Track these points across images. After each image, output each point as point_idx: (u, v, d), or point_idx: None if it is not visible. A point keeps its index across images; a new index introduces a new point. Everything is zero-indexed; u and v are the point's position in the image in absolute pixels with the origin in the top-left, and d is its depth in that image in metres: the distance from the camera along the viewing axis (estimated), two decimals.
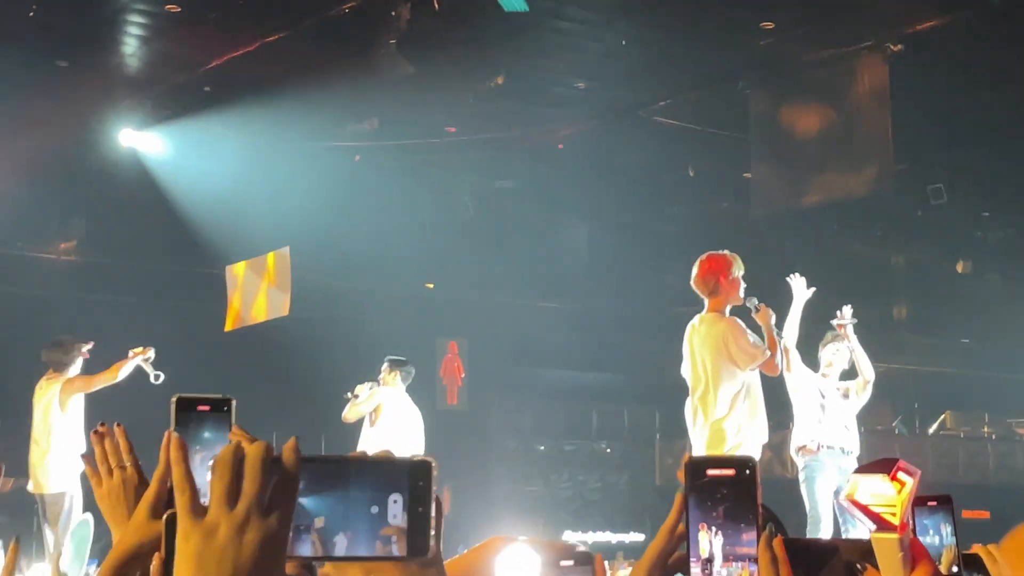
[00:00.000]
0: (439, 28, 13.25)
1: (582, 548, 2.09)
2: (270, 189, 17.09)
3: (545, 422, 22.73)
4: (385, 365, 13.27)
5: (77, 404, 11.48)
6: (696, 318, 8.64)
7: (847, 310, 9.71)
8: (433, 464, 1.56)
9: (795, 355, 9.58)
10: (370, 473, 1.56)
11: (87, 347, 11.82)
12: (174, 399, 2.01)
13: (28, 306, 17.34)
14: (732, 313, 8.57)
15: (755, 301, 8.54)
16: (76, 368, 11.68)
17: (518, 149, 17.95)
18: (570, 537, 20.15)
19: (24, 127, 16.32)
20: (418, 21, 12.97)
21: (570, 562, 1.98)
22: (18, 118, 16.10)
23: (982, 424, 21.25)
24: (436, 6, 12.71)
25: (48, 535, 11.30)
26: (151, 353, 11.47)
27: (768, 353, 8.32)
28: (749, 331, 8.42)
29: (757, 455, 8.43)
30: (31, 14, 13.45)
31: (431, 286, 21.00)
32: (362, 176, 17.90)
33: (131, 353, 11.44)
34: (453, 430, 20.19)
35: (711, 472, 1.92)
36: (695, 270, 8.56)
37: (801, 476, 9.76)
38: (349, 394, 13.20)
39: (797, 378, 9.75)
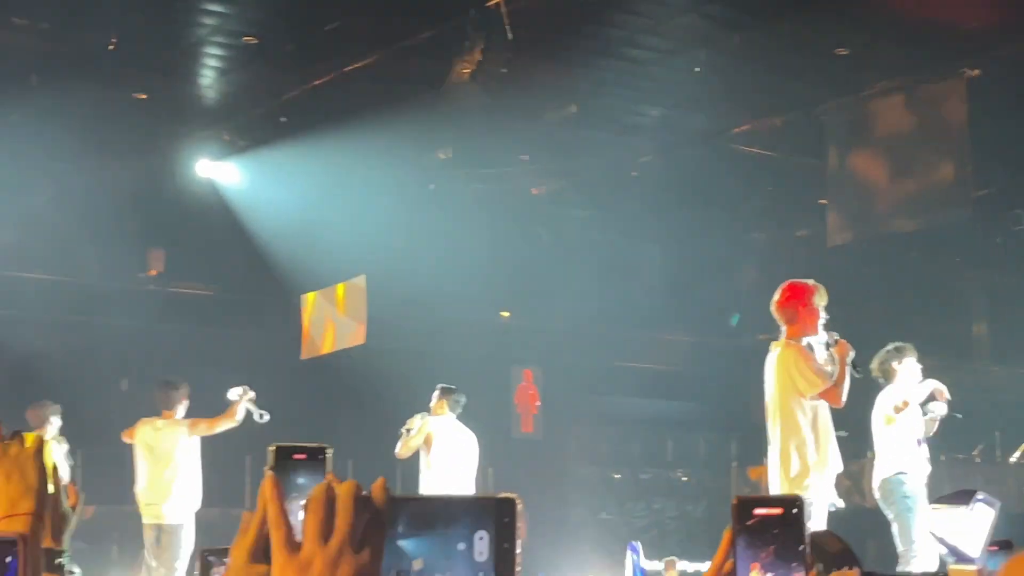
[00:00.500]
0: (513, 57, 13.28)
1: None
2: (345, 218, 17.18)
3: (621, 450, 22.64)
4: (435, 393, 13.25)
5: (196, 443, 12.47)
6: (772, 345, 8.57)
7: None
8: (518, 501, 1.59)
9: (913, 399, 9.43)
10: (457, 511, 1.59)
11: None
12: (272, 448, 2.07)
13: (109, 336, 17.55)
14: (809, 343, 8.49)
15: (835, 336, 8.44)
16: (184, 407, 12.53)
17: (592, 177, 17.94)
18: (646, 567, 20.02)
19: (104, 159, 16.54)
20: (492, 50, 13.01)
21: None
22: (98, 150, 16.31)
23: None
24: (509, 35, 12.74)
25: (152, 563, 12.04)
26: (253, 394, 12.47)
27: (832, 381, 8.21)
28: (817, 360, 8.33)
29: (826, 484, 8.33)
30: (110, 47, 13.64)
31: (506, 314, 21.00)
32: (436, 205, 17.96)
33: (234, 395, 12.46)
34: (528, 458, 20.17)
35: (758, 511, 1.91)
36: (776, 296, 8.48)
37: (898, 508, 9.55)
38: (403, 429, 13.20)
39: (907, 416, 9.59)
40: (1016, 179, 16.49)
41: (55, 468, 2.32)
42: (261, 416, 12.32)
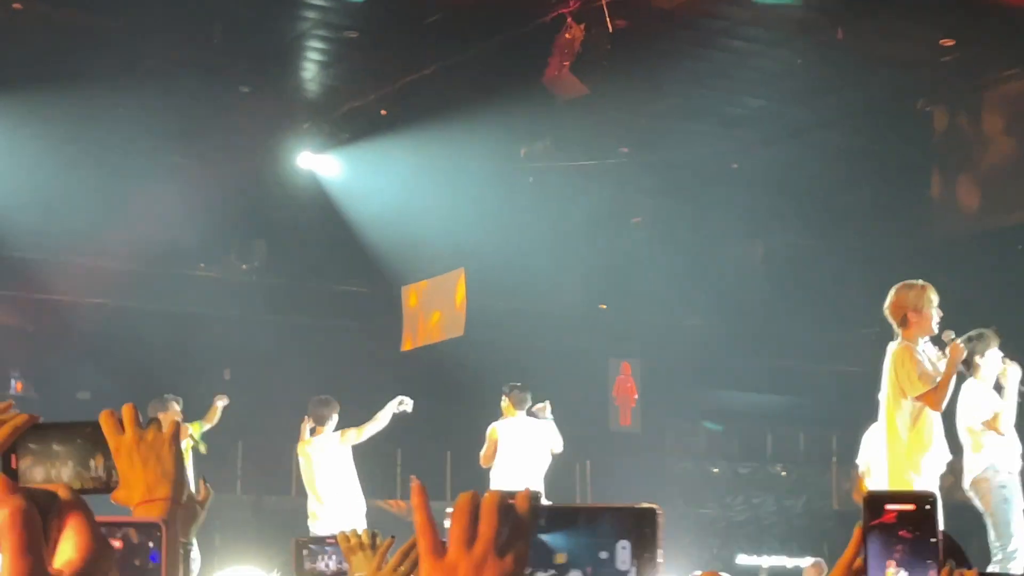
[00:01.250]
0: (613, 49, 13.25)
1: None
2: (445, 210, 17.25)
3: (719, 444, 22.53)
4: (502, 395, 13.23)
5: (348, 452, 13.03)
6: (890, 344, 8.51)
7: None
8: (659, 512, 1.63)
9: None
10: (599, 521, 1.64)
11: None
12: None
13: (210, 327, 17.77)
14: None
15: (951, 335, 8.34)
16: (334, 422, 12.98)
17: (692, 169, 17.85)
18: (743, 561, 19.93)
19: (207, 151, 16.74)
20: (592, 42, 12.98)
21: None
22: (202, 142, 16.52)
23: None
24: (610, 27, 12.71)
25: None
26: (409, 406, 13.10)
27: (935, 385, 8.12)
28: (926, 362, 8.23)
29: (930, 483, 8.23)
30: (215, 41, 13.81)
31: (604, 307, 20.97)
32: (535, 197, 17.97)
33: (393, 406, 13.03)
34: (626, 451, 20.13)
35: (890, 507, 1.89)
36: (888, 299, 8.41)
37: (994, 501, 9.32)
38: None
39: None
40: None
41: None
42: (401, 404, 13.01)
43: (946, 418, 8.82)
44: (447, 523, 1.57)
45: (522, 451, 12.73)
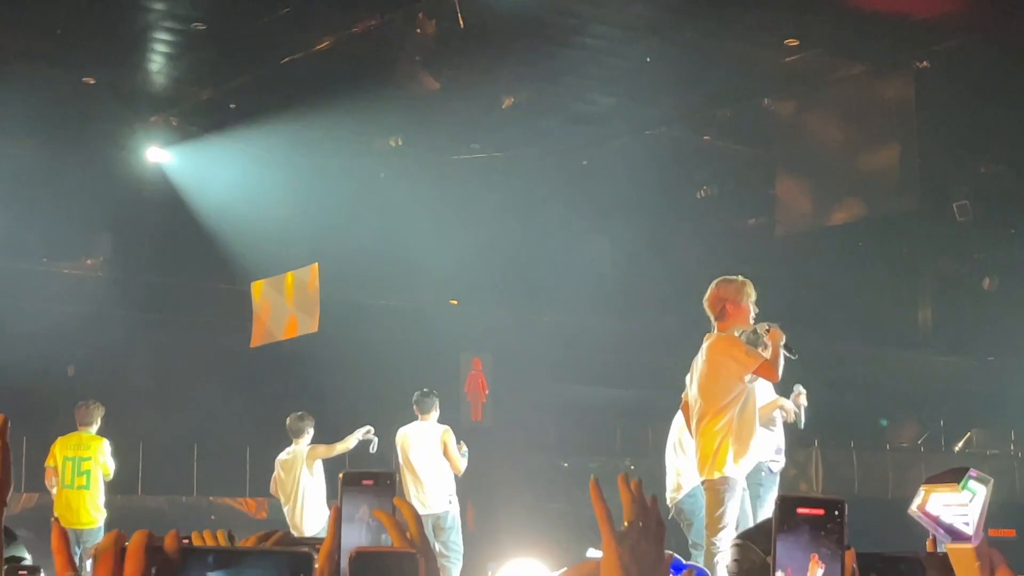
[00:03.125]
0: (464, 45, 13.27)
1: None
2: (296, 205, 17.14)
3: (569, 439, 22.69)
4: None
5: (319, 465, 13.40)
6: (705, 337, 8.68)
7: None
8: (314, 557, 1.61)
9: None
10: (253, 564, 1.60)
11: None
12: (340, 475, 2.13)
13: (54, 321, 17.42)
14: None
15: (765, 326, 8.55)
16: (309, 436, 13.50)
17: (543, 165, 17.95)
18: (594, 555, 20.09)
19: (51, 143, 16.41)
20: (444, 38, 13.00)
21: None
22: (45, 135, 16.19)
23: (1008, 442, 21.14)
24: (462, 23, 12.73)
25: None
26: (372, 431, 13.24)
27: (765, 357, 8.32)
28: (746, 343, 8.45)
29: (742, 472, 8.41)
30: (58, 31, 13.54)
31: (455, 302, 21.01)
32: (386, 192, 17.94)
33: (360, 434, 13.23)
34: (477, 447, 20.12)
35: (801, 511, 1.92)
36: (708, 292, 8.63)
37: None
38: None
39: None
40: (962, 170, 16.63)
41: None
42: (374, 447, 13.37)
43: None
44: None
45: (422, 456, 12.71)
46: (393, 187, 17.94)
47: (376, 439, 13.33)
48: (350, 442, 13.28)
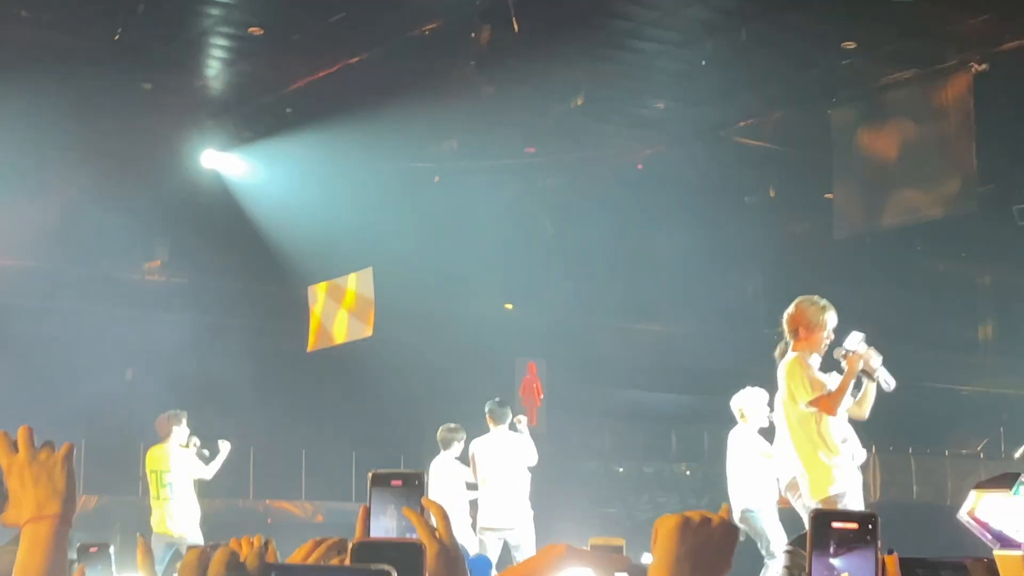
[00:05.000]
0: (519, 49, 13.26)
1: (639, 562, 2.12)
2: (351, 210, 17.18)
3: (624, 444, 22.63)
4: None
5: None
6: (781, 354, 8.55)
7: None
8: (393, 574, 1.60)
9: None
10: None
11: None
12: (369, 475, 2.15)
13: (112, 325, 17.56)
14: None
15: (843, 352, 8.37)
16: (459, 448, 13.03)
17: (598, 169, 17.92)
18: (649, 560, 20.00)
19: (109, 148, 16.54)
20: (498, 42, 12.99)
21: (624, 574, 2.00)
22: (103, 139, 16.32)
23: None
24: (516, 27, 12.72)
25: None
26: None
27: (827, 391, 8.18)
28: (817, 371, 8.29)
29: (842, 485, 8.29)
30: (116, 37, 13.63)
31: (510, 307, 21.00)
32: (441, 196, 17.96)
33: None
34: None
35: (836, 525, 1.93)
36: (789, 309, 8.45)
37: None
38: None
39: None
40: (1022, 173, 16.46)
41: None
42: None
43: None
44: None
45: (500, 468, 12.54)
46: (448, 191, 17.96)
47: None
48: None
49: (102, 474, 16.20)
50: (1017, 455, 20.84)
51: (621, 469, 22.43)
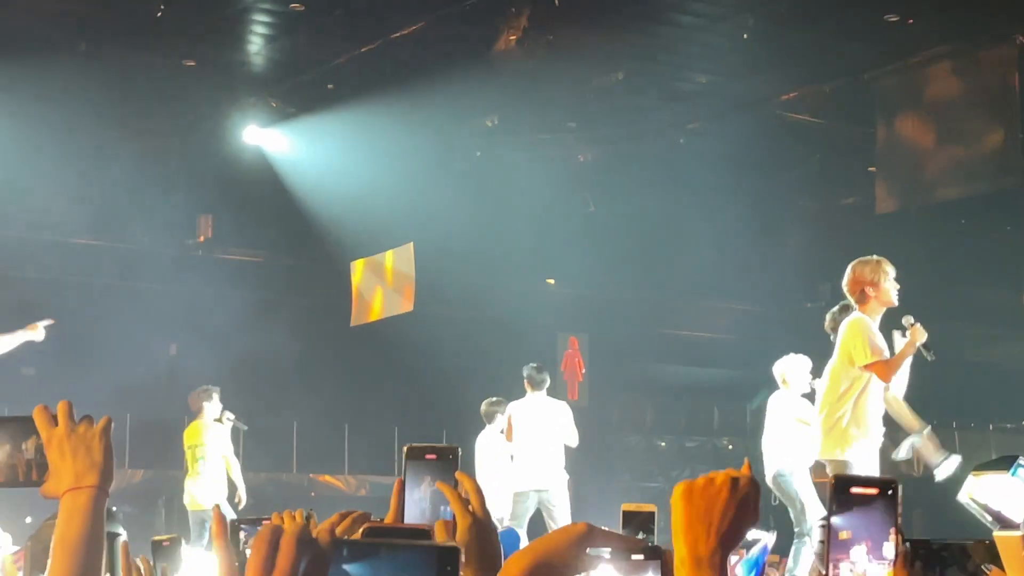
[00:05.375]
0: (559, 23, 13.24)
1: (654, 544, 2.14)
2: (393, 185, 17.22)
3: (666, 418, 22.63)
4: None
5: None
6: (850, 314, 8.53)
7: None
8: (461, 550, 1.62)
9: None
10: (401, 555, 1.63)
11: None
12: (404, 449, 2.20)
13: (157, 301, 17.67)
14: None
15: (910, 320, 8.36)
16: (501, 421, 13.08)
17: (639, 144, 17.88)
18: None
19: (151, 125, 16.63)
20: (538, 17, 12.97)
21: (640, 556, 2.01)
22: (146, 117, 16.41)
23: None
24: (556, 2, 12.71)
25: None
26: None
27: (885, 356, 8.16)
28: (879, 337, 8.27)
29: (864, 455, 8.29)
30: (159, 14, 13.70)
31: (552, 282, 21.00)
32: (483, 171, 17.97)
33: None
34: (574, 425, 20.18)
35: (855, 490, 1.95)
36: (846, 276, 8.43)
37: None
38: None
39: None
40: None
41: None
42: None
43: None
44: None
45: (535, 431, 12.59)
46: (489, 166, 17.97)
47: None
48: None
49: (147, 448, 16.33)
50: None
51: (663, 443, 22.42)
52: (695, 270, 19.88)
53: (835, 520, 1.95)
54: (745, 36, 14.32)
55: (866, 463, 8.30)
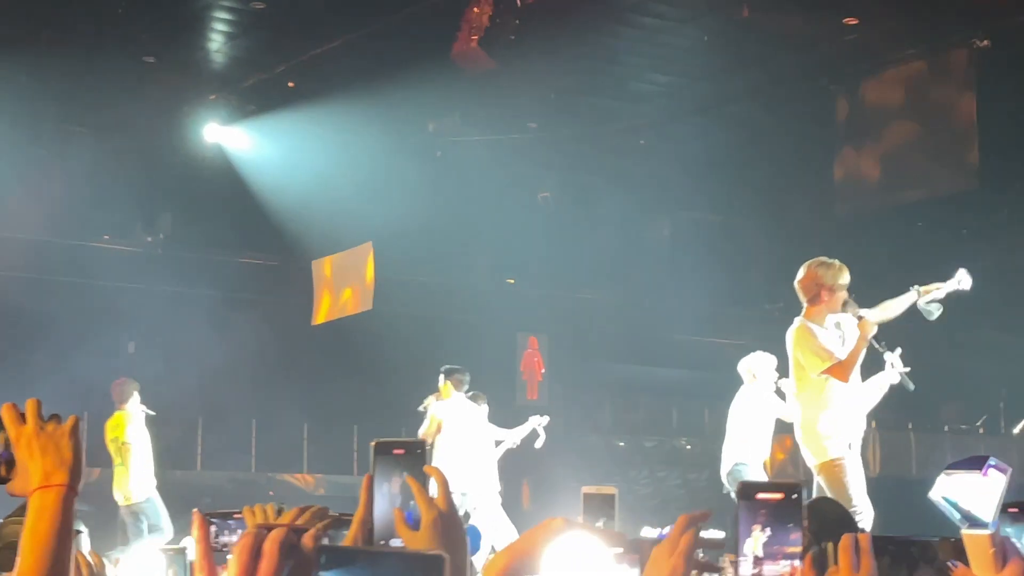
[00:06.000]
0: (521, 24, 13.25)
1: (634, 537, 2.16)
2: (353, 184, 17.20)
3: (625, 418, 22.68)
4: (440, 377, 13.10)
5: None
6: (795, 321, 8.56)
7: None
8: (446, 559, 1.60)
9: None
10: (386, 565, 1.60)
11: None
12: (372, 444, 2.21)
13: (115, 299, 17.59)
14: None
15: (858, 313, 8.43)
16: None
17: (600, 145, 17.93)
18: (648, 534, 20.07)
19: (112, 122, 16.55)
20: (500, 17, 12.98)
21: (619, 550, 2.03)
22: (106, 113, 16.33)
23: None
24: (519, 2, 12.72)
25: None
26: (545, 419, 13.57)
27: (837, 359, 8.21)
28: (824, 338, 8.31)
29: (823, 458, 8.35)
30: (120, 10, 13.64)
31: (512, 281, 21.03)
32: (443, 171, 17.97)
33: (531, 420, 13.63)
34: None
35: (761, 496, 1.98)
36: (800, 274, 8.45)
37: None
38: (420, 408, 13.18)
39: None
40: (1020, 150, 16.47)
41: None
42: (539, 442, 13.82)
43: None
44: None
45: (466, 433, 12.64)
46: (450, 166, 17.98)
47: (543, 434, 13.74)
48: (518, 434, 13.57)
49: (104, 446, 16.23)
50: (1016, 431, 20.90)
51: (621, 443, 22.46)
52: (656, 270, 19.95)
53: (742, 525, 1.97)
54: (706, 39, 14.39)
55: (848, 462, 8.36)
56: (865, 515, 8.28)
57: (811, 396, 8.35)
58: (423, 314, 19.15)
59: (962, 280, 8.87)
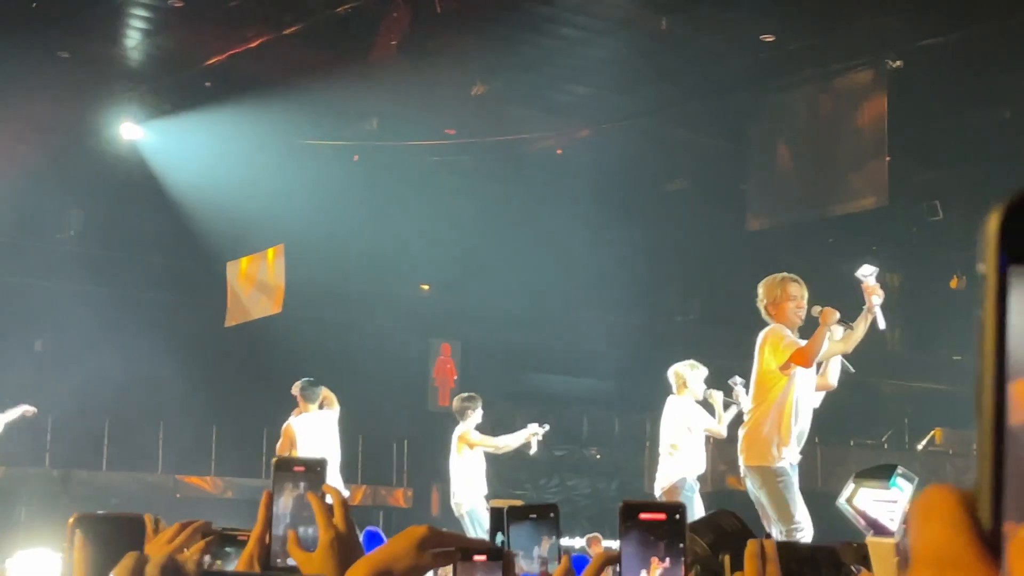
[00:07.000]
0: (441, 30, 13.27)
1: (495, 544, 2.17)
2: (268, 186, 17.11)
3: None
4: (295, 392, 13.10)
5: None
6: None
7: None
8: None
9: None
10: None
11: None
12: (273, 461, 2.22)
13: (22, 296, 17.36)
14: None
15: (818, 309, 8.57)
16: (476, 417, 13.58)
17: (518, 154, 17.97)
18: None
19: (24, 118, 16.34)
20: (420, 23, 12.99)
21: (483, 556, 2.04)
22: (18, 109, 16.11)
23: (972, 441, 21.20)
24: (438, 9, 12.73)
25: None
26: (540, 429, 13.74)
27: (799, 344, 8.33)
28: (792, 335, 8.44)
29: (763, 461, 8.43)
30: (34, 4, 13.47)
31: (426, 288, 21.01)
32: (360, 176, 17.92)
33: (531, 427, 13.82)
34: (444, 431, 20.17)
35: (644, 516, 1.99)
36: (758, 297, 8.65)
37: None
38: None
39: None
40: (933, 170, 16.73)
41: None
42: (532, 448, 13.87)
43: None
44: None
45: (316, 448, 12.60)
46: (366, 170, 17.93)
47: (537, 440, 13.77)
48: (513, 441, 13.71)
49: (8, 445, 16.02)
50: (920, 447, 21.20)
51: (532, 452, 22.49)
52: (569, 280, 20.01)
53: (625, 545, 1.98)
54: (625, 51, 14.48)
55: (790, 477, 8.45)
56: (806, 531, 8.36)
57: (767, 395, 8.43)
58: (334, 318, 19.08)
59: (867, 275, 8.96)
